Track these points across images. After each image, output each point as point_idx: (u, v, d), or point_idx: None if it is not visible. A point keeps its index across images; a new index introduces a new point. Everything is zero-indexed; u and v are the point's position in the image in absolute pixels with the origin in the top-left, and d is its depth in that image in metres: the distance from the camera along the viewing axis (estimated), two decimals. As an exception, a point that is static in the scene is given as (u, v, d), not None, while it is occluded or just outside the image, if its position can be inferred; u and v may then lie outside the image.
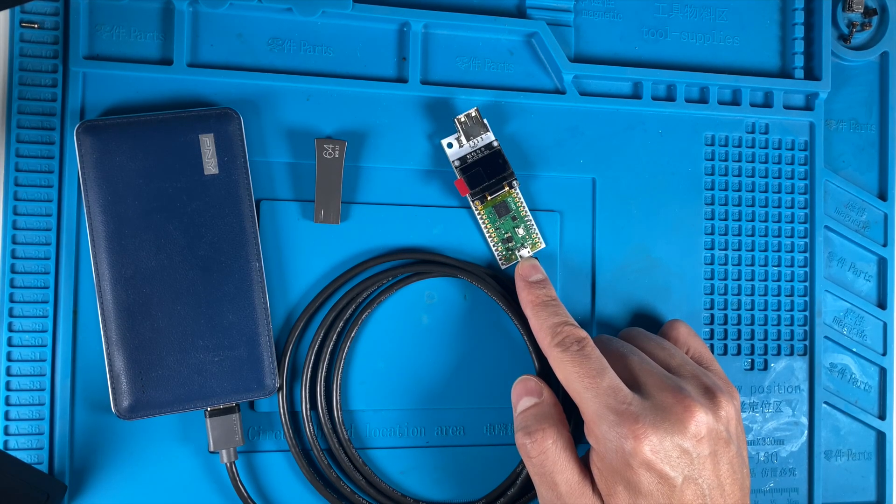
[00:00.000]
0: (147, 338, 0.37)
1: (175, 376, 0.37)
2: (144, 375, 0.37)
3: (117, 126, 0.37)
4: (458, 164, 0.41)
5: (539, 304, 0.39)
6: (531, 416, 0.38)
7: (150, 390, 0.37)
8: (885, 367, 0.48)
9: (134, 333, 0.37)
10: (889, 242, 0.48)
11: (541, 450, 0.37)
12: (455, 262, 0.42)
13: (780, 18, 0.47)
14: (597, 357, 0.37)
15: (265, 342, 0.39)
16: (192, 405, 0.38)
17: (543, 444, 0.37)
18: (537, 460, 0.37)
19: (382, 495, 0.41)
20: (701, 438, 0.35)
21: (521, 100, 0.43)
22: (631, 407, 0.35)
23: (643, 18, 0.46)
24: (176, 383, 0.37)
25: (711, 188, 0.46)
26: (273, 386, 0.39)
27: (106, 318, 0.37)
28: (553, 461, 0.36)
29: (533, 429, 0.37)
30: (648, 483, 0.35)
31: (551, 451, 0.37)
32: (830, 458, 0.47)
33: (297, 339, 0.40)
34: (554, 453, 0.37)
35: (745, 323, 0.46)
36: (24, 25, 0.38)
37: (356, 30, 0.42)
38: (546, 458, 0.37)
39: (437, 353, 0.42)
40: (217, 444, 0.38)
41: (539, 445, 0.37)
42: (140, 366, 0.37)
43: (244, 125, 0.39)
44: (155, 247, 0.37)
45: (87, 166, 0.37)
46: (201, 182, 0.38)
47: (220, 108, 0.39)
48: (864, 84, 0.49)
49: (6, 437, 0.37)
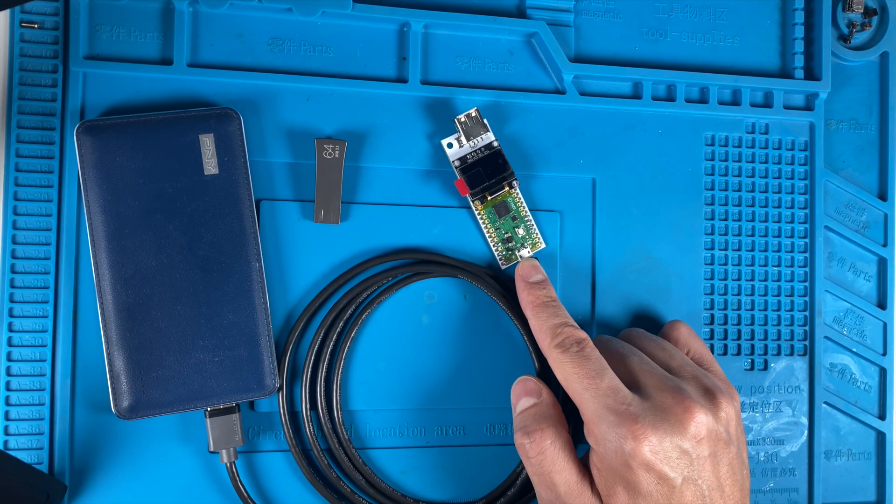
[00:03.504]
0: (147, 338, 0.37)
1: (175, 376, 0.37)
2: (144, 375, 0.37)
3: (117, 126, 0.37)
4: (458, 164, 0.41)
5: (539, 305, 0.39)
6: (530, 417, 0.38)
7: (150, 390, 0.37)
8: (885, 367, 0.48)
9: (134, 333, 0.37)
10: (889, 242, 0.48)
11: (539, 450, 0.37)
12: (455, 262, 0.42)
13: (780, 18, 0.47)
14: (596, 358, 0.37)
15: (265, 342, 0.39)
16: (192, 405, 0.38)
17: (542, 445, 0.37)
18: (536, 460, 0.37)
19: (382, 495, 0.41)
20: (700, 439, 0.35)
21: (521, 100, 0.43)
22: (630, 408, 0.35)
23: (643, 18, 0.46)
24: (176, 383, 0.37)
25: (711, 188, 0.46)
26: (273, 386, 0.39)
27: (106, 319, 0.37)
28: (551, 461, 0.37)
29: (531, 429, 0.37)
30: (648, 484, 0.35)
31: (549, 451, 0.37)
32: (830, 458, 0.47)
33: (298, 339, 0.40)
34: (552, 453, 0.37)
35: (745, 323, 0.46)
36: (24, 25, 0.38)
37: (356, 30, 0.42)
38: (544, 458, 0.37)
39: (437, 353, 0.42)
40: (217, 444, 0.38)
41: (537, 445, 0.37)
42: (140, 366, 0.37)
43: (244, 125, 0.39)
44: (155, 247, 0.37)
45: (87, 166, 0.37)
46: (201, 182, 0.38)
47: (220, 108, 0.39)
48: (864, 84, 0.49)
49: (6, 437, 0.37)
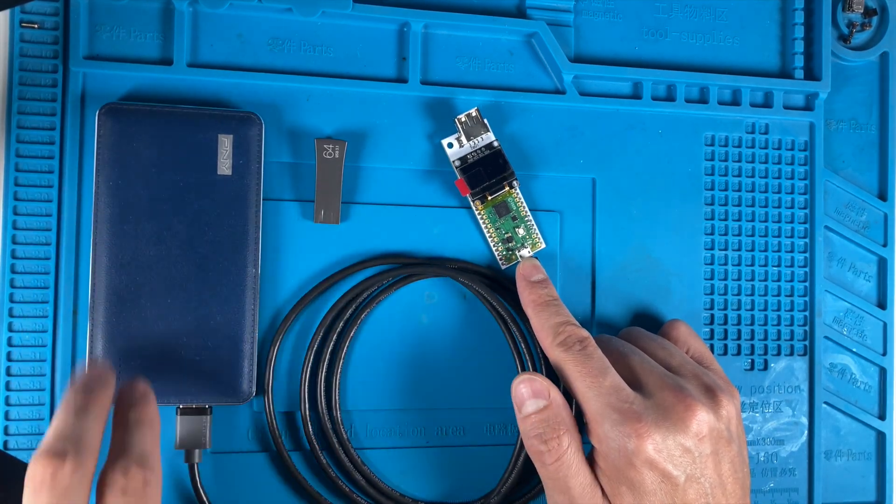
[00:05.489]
0: (132, 326, 0.37)
1: (153, 368, 0.37)
2: (122, 362, 0.37)
3: (140, 113, 0.38)
4: (459, 164, 0.41)
5: (541, 304, 0.39)
6: (543, 422, 0.36)
7: (125, 378, 0.37)
8: (885, 367, 0.48)
9: (120, 319, 0.37)
10: (889, 242, 0.48)
11: (557, 456, 0.36)
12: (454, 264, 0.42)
13: (780, 18, 0.47)
14: (599, 357, 0.37)
15: (248, 349, 0.38)
16: (166, 400, 0.37)
17: (560, 451, 0.36)
18: (553, 467, 0.36)
19: (382, 495, 0.41)
20: (703, 437, 0.35)
21: (521, 100, 0.43)
22: (633, 406, 0.35)
23: (643, 18, 0.46)
24: (152, 375, 0.37)
25: (711, 188, 0.46)
26: (249, 393, 0.39)
27: (95, 301, 0.37)
28: (568, 466, 0.36)
29: (548, 436, 0.36)
30: (651, 482, 0.34)
31: (566, 456, 0.36)
32: (830, 459, 0.47)
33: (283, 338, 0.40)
34: (569, 459, 0.36)
35: (745, 323, 0.46)
36: (24, 25, 0.38)
37: (356, 30, 0.42)
38: (562, 464, 0.36)
39: (437, 353, 0.42)
40: (183, 442, 0.38)
41: (556, 453, 0.36)
42: (120, 353, 0.37)
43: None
44: (156, 237, 0.37)
45: (103, 147, 0.37)
46: (213, 181, 0.38)
47: (244, 112, 0.39)
48: (864, 84, 0.49)
49: (6, 437, 0.37)
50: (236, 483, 0.40)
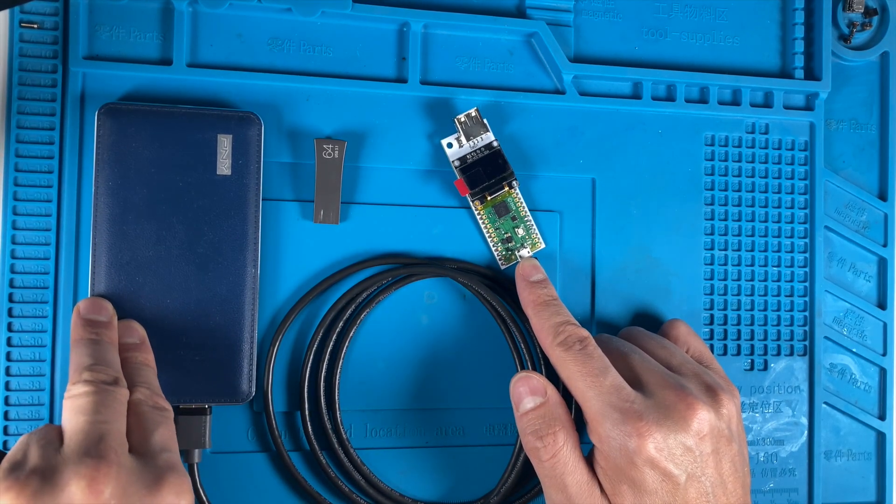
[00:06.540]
0: None
1: None
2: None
3: (139, 112, 0.38)
4: (458, 164, 0.41)
5: (541, 304, 0.39)
6: (539, 418, 0.37)
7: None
8: (885, 368, 0.48)
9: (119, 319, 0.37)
10: (889, 242, 0.48)
11: (552, 453, 0.36)
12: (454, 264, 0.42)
13: (780, 18, 0.47)
14: (599, 356, 0.37)
15: (247, 349, 0.38)
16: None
17: (555, 448, 0.36)
18: (549, 464, 0.36)
19: (382, 495, 0.41)
20: (704, 436, 0.35)
21: (521, 100, 0.43)
22: (634, 405, 0.35)
23: (643, 18, 0.46)
24: None
25: (711, 188, 0.46)
26: (249, 393, 0.39)
27: None
28: (564, 463, 0.36)
29: (544, 432, 0.36)
30: (653, 481, 0.35)
31: (562, 453, 0.36)
32: (830, 459, 0.47)
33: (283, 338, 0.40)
34: (565, 456, 0.36)
35: (745, 323, 0.46)
36: (24, 25, 0.38)
37: (356, 30, 0.42)
38: (557, 461, 0.36)
39: (437, 354, 0.42)
40: (182, 442, 0.37)
41: (551, 449, 0.36)
42: None
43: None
44: (155, 237, 0.38)
45: (103, 147, 0.37)
46: (212, 181, 0.38)
47: (243, 112, 0.39)
48: (864, 84, 0.49)
49: (6, 437, 0.37)
50: (236, 483, 0.40)
